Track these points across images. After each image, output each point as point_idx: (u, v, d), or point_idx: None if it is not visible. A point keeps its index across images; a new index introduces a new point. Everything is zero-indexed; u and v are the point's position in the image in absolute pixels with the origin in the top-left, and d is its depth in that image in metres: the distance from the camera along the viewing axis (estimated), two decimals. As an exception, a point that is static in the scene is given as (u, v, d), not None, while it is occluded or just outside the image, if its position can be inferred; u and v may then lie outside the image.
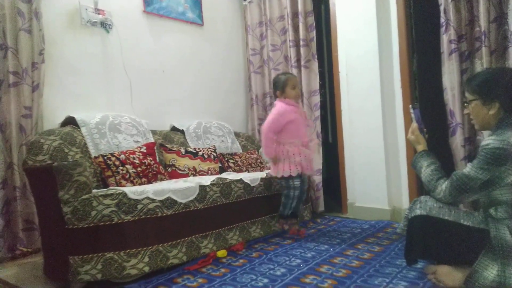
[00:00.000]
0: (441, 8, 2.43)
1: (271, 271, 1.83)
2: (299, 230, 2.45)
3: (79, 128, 2.30)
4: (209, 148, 2.86)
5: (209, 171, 2.69)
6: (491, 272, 1.42)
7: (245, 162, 2.98)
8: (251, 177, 2.45)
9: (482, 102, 1.53)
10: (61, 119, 2.41)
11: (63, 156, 2.07)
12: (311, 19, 3.19)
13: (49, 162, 1.91)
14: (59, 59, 2.47)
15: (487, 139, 1.45)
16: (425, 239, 1.56)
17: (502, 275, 1.40)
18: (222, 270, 1.88)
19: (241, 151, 3.21)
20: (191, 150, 2.72)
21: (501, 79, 1.50)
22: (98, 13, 2.63)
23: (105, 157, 2.15)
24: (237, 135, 3.36)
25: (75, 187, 1.70)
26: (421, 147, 1.75)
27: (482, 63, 2.28)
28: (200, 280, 1.75)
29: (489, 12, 2.25)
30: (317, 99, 3.17)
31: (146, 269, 1.78)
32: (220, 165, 2.88)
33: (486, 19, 2.24)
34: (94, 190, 1.78)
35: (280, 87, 2.40)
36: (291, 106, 2.36)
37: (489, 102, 1.51)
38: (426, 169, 1.65)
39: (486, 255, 1.46)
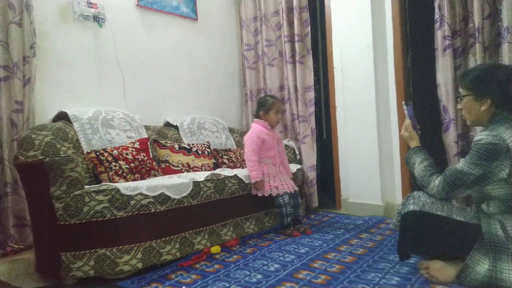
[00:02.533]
0: (436, 4, 2.43)
1: (265, 267, 1.83)
2: (305, 230, 2.46)
3: (71, 123, 2.27)
4: (203, 144, 2.85)
5: (203, 167, 2.68)
6: (482, 266, 1.44)
7: (239, 158, 2.97)
8: (245, 173, 2.44)
9: (474, 97, 1.54)
10: (53, 114, 2.38)
11: (55, 152, 2.05)
12: (306, 14, 3.18)
13: (41, 157, 1.88)
14: (51, 53, 2.44)
15: (480, 135, 1.46)
16: (418, 235, 1.57)
17: (493, 270, 1.41)
18: (216, 266, 1.88)
19: (235, 147, 3.20)
20: (185, 146, 2.71)
21: (494, 76, 1.50)
22: (91, 7, 2.59)
23: (98, 153, 2.14)
24: (231, 131, 3.34)
25: (67, 183, 1.68)
26: (414, 143, 1.75)
27: (475, 59, 2.29)
28: (193, 276, 1.75)
29: (483, 9, 2.25)
30: (311, 95, 3.17)
31: (139, 265, 1.77)
32: (214, 161, 2.87)
33: (480, 16, 2.25)
34: (86, 186, 1.77)
35: (264, 109, 2.50)
36: (265, 129, 2.49)
37: (481, 98, 1.52)
38: (419, 165, 1.66)
39: (478, 250, 1.47)
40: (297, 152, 3.12)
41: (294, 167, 2.85)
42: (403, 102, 1.81)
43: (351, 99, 2.99)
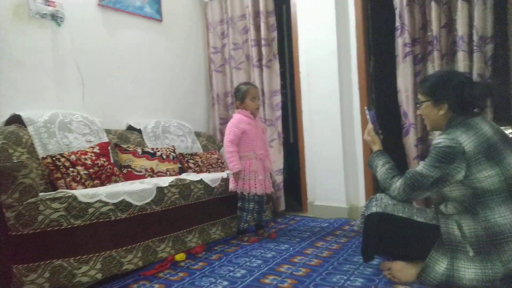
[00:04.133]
0: (397, 11, 2.52)
1: (231, 273, 1.80)
2: (269, 235, 2.44)
3: (26, 127, 2.15)
4: (168, 148, 2.78)
5: (168, 172, 2.61)
6: (441, 266, 1.49)
7: (205, 162, 2.93)
8: (212, 177, 2.41)
9: (433, 103, 1.60)
10: (5, 117, 2.24)
11: (7, 157, 1.92)
12: (273, 19, 3.19)
13: (-10, 163, 1.76)
14: (3, 52, 2.29)
15: (438, 138, 1.51)
16: (381, 236, 1.60)
17: (451, 268, 1.46)
18: (181, 274, 1.83)
19: (201, 151, 3.15)
20: (148, 150, 2.63)
21: (450, 82, 1.56)
22: (48, 5, 2.47)
23: (54, 158, 2.02)
24: (197, 134, 3.29)
25: (19, 190, 1.59)
26: (376, 147, 1.79)
27: (434, 66, 2.38)
28: (156, 286, 1.69)
29: (440, 18, 2.36)
30: (278, 99, 3.18)
31: (99, 276, 1.69)
32: (180, 165, 2.81)
33: (438, 24, 2.35)
34: (41, 194, 1.67)
35: (240, 98, 2.43)
36: (247, 118, 2.40)
37: (439, 103, 1.58)
38: (381, 168, 1.70)
39: (437, 249, 1.53)
40: (264, 156, 3.11)
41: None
42: (366, 107, 1.86)
43: (317, 103, 3.03)
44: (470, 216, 1.48)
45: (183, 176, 2.35)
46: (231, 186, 2.38)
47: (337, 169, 2.93)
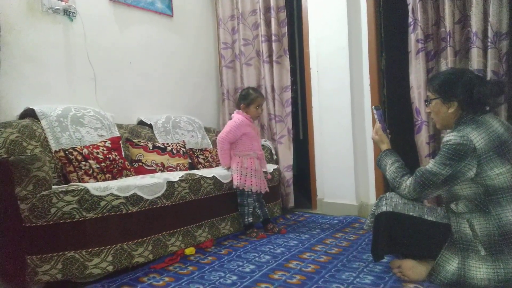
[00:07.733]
0: (409, 7, 2.48)
1: (240, 268, 1.81)
2: (280, 230, 2.46)
3: (39, 121, 2.18)
4: (178, 143, 2.80)
5: (178, 167, 2.63)
6: (452, 265, 1.47)
7: (215, 157, 2.94)
8: (222, 173, 2.42)
9: (442, 101, 1.58)
10: (19, 110, 2.28)
11: (21, 150, 1.96)
12: (283, 15, 3.18)
13: (5, 156, 1.79)
14: (16, 47, 2.32)
15: (448, 136, 1.50)
16: (391, 235, 1.59)
17: (462, 268, 1.45)
18: (190, 268, 1.84)
19: (211, 146, 3.16)
20: (159, 145, 2.65)
21: (460, 80, 1.54)
22: (61, 0, 2.49)
23: (67, 152, 2.05)
24: (207, 130, 3.31)
25: (33, 182, 1.61)
26: (385, 146, 1.78)
27: (447, 62, 2.35)
28: (166, 279, 1.71)
29: (453, 13, 2.32)
30: (288, 95, 3.18)
31: (110, 268, 1.71)
32: (190, 160, 2.83)
33: (451, 20, 2.31)
34: (54, 186, 1.70)
35: (246, 102, 2.46)
36: (247, 121, 2.46)
37: (448, 101, 1.56)
38: (391, 167, 1.69)
39: (448, 248, 1.51)
40: (273, 152, 3.12)
41: (270, 167, 2.85)
42: (373, 106, 1.84)
43: (327, 100, 3.02)
44: (482, 215, 1.46)
45: (194, 171, 2.36)
46: (236, 183, 2.40)
47: (347, 166, 2.91)
